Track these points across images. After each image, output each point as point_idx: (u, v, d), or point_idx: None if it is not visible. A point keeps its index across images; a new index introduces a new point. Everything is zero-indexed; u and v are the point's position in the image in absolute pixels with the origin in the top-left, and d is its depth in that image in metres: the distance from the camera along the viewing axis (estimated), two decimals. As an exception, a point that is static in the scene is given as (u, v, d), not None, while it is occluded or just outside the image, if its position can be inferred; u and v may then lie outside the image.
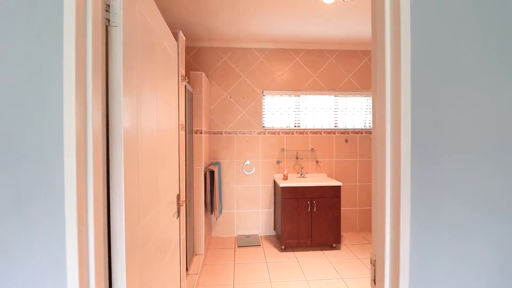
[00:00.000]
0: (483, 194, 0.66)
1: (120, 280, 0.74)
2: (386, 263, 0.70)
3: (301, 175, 3.35)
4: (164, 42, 1.25)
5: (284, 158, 3.42)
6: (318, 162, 3.47)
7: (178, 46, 1.58)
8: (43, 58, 0.60)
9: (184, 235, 1.69)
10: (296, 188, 2.91)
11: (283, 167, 3.42)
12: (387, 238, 0.70)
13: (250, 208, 3.39)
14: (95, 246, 0.64)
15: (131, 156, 0.83)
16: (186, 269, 2.26)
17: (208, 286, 2.29)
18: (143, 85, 0.95)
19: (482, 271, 0.66)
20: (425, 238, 0.66)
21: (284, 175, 3.21)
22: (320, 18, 2.62)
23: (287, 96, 3.42)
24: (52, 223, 0.59)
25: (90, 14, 0.63)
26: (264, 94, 3.38)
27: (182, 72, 1.70)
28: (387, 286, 0.70)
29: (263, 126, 3.41)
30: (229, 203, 3.36)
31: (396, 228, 0.67)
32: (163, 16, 1.23)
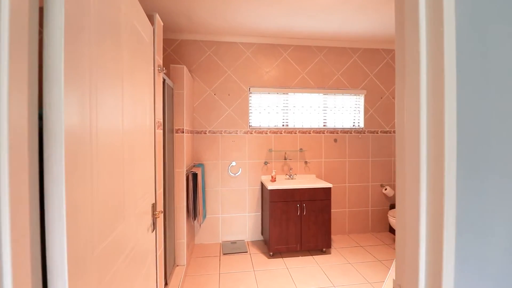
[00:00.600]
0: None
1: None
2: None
3: (289, 176, 3.20)
4: (134, 22, 1.04)
5: (272, 159, 3.26)
6: (307, 163, 3.33)
7: (155, 31, 1.36)
8: None
9: (162, 249, 1.48)
10: (285, 190, 2.76)
11: (271, 168, 3.26)
12: (422, 269, 0.54)
13: (236, 212, 3.19)
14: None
15: (80, 160, 0.62)
16: (166, 283, 2.04)
17: (191, 301, 2.08)
18: (101, 72, 0.74)
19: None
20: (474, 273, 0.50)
21: (272, 176, 3.05)
22: (309, 11, 2.48)
23: (275, 93, 3.25)
24: None
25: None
26: (251, 91, 3.19)
27: (160, 61, 1.48)
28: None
29: (250, 125, 3.23)
30: (213, 207, 3.15)
31: (436, 260, 0.51)
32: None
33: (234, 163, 3.16)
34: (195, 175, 2.52)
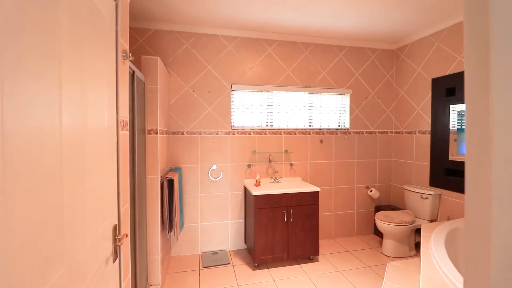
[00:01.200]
0: None
1: None
2: None
3: (274, 180, 3.00)
4: (83, -14, 0.76)
5: (255, 162, 3.04)
6: (292, 165, 3.16)
7: (118, 6, 1.08)
8: None
9: (129, 277, 1.20)
10: (271, 196, 2.55)
11: (254, 172, 3.04)
12: None
13: (217, 219, 2.94)
14: None
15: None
16: (136, 310, 1.75)
17: (166, 328, 1.81)
18: (16, 48, 0.47)
19: None
20: None
21: (256, 180, 2.83)
22: (299, 2, 2.29)
23: (259, 91, 3.04)
24: None
25: None
26: (233, 88, 2.95)
27: (125, 46, 1.20)
28: None
29: (232, 125, 2.99)
30: (192, 216, 2.87)
31: None
32: None
33: (214, 167, 2.90)
34: (171, 182, 2.23)
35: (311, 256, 2.72)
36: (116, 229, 1.00)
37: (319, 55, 3.20)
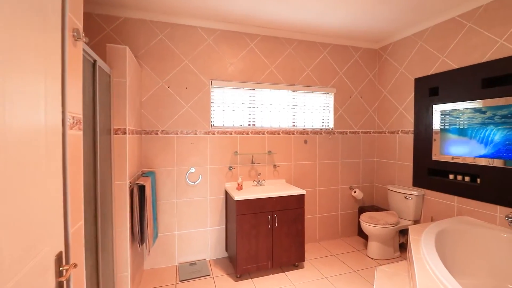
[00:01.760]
0: None
1: None
2: None
3: (257, 182, 2.83)
4: None
5: (237, 163, 2.85)
6: (276, 167, 3.01)
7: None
8: None
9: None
10: (254, 200, 2.38)
11: (236, 174, 2.84)
12: None
13: (195, 227, 2.71)
14: None
15: None
16: None
17: None
18: None
19: None
20: None
21: (238, 184, 2.64)
22: (284, -8, 2.14)
23: (241, 88, 2.85)
24: None
25: None
26: (212, 85, 2.74)
27: (78, 25, 0.96)
28: None
29: (212, 125, 2.77)
30: (167, 224, 2.61)
31: None
32: None
33: (193, 170, 2.67)
34: (142, 188, 1.98)
35: (297, 263, 2.58)
36: (60, 257, 0.77)
37: (303, 52, 3.08)
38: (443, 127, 2.56)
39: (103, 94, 1.67)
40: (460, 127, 2.40)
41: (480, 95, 2.24)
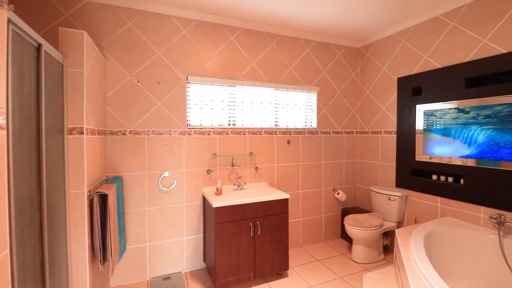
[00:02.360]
0: None
1: None
2: None
3: (238, 186, 2.63)
4: None
5: (216, 166, 2.63)
6: (257, 169, 2.83)
7: None
8: None
9: None
10: (234, 207, 2.18)
11: (215, 178, 2.63)
12: None
13: (170, 236, 2.45)
14: None
15: None
16: None
17: None
18: None
19: None
20: None
21: (217, 188, 2.43)
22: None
23: (220, 85, 2.64)
24: None
25: None
26: (189, 80, 2.50)
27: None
28: None
29: (188, 124, 2.53)
30: (137, 235, 2.34)
31: None
32: None
33: (166, 174, 2.41)
34: (104, 197, 1.71)
35: (280, 272, 2.42)
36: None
37: (286, 48, 2.93)
38: (427, 127, 2.53)
39: (52, 86, 1.39)
40: (444, 127, 2.37)
41: (463, 95, 2.22)
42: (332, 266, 2.62)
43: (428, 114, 2.52)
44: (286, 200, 2.39)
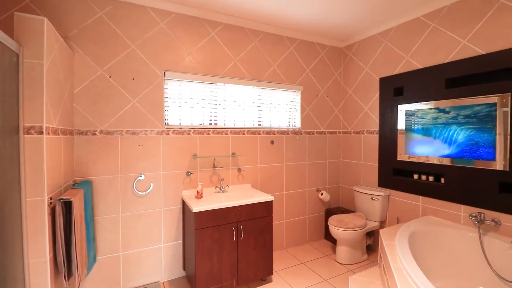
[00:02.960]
0: None
1: None
2: None
3: (220, 189, 2.51)
4: None
5: (197, 168, 2.50)
6: (240, 170, 2.72)
7: None
8: None
9: None
10: (216, 211, 2.06)
11: (195, 180, 2.49)
12: None
13: (146, 244, 2.28)
14: None
15: None
16: None
17: None
18: None
19: None
20: None
21: (197, 191, 2.29)
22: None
23: (201, 82, 2.50)
24: None
25: None
26: (166, 76, 2.34)
27: None
28: None
29: (166, 123, 2.38)
30: (109, 244, 2.15)
31: None
32: None
33: (142, 177, 2.24)
34: (67, 205, 1.53)
35: (265, 277, 2.33)
36: None
37: (270, 45, 2.85)
38: (408, 127, 2.55)
39: (4, 78, 1.20)
40: (425, 127, 2.40)
41: (444, 95, 2.25)
42: (317, 269, 2.57)
43: (409, 114, 2.54)
44: (270, 202, 2.30)
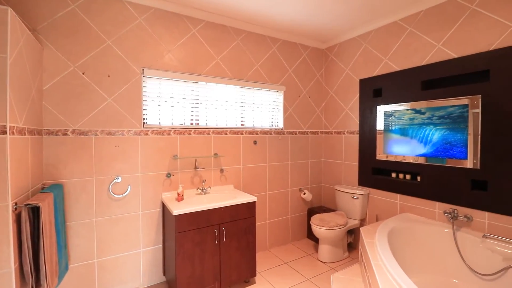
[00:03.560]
0: None
1: None
2: None
3: (202, 190, 2.45)
4: None
5: (177, 169, 2.42)
6: (223, 171, 2.68)
7: None
8: None
9: None
10: (197, 213, 2.00)
11: (176, 182, 2.41)
12: None
13: (123, 250, 2.18)
14: None
15: None
16: None
17: None
18: None
19: None
20: None
21: (178, 193, 2.22)
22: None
23: (181, 81, 2.43)
24: None
25: None
26: (145, 74, 2.25)
27: None
28: None
29: (145, 123, 2.28)
30: (83, 251, 2.02)
31: None
32: None
33: (119, 179, 2.14)
34: (35, 210, 1.41)
35: (248, 279, 2.30)
36: None
37: (252, 45, 2.83)
38: (386, 128, 2.63)
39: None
40: (402, 127, 2.48)
41: (420, 97, 2.34)
42: (299, 268, 2.58)
43: (387, 115, 2.62)
44: (253, 203, 2.28)
